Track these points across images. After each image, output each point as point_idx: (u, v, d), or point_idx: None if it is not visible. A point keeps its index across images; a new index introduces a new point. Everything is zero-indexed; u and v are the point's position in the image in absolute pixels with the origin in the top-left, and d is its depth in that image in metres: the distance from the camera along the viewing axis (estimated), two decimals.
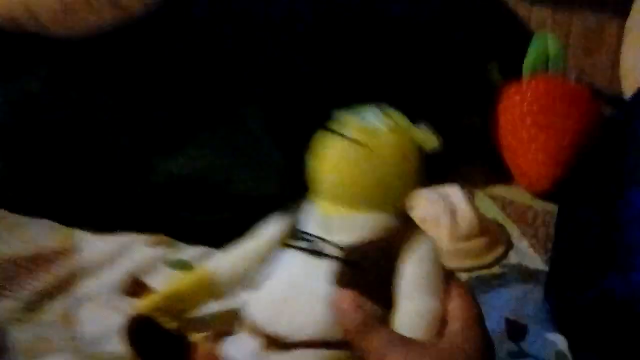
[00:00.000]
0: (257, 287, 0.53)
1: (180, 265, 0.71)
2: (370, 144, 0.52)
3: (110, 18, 0.76)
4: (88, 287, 0.68)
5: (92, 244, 0.74)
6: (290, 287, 0.51)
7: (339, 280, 0.50)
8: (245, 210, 0.73)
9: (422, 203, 0.64)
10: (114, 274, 0.69)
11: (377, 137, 0.52)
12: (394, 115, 0.53)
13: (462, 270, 0.71)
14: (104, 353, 0.60)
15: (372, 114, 0.53)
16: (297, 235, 0.53)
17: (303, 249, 0.52)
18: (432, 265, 0.51)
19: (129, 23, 0.78)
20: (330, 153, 0.53)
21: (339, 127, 0.53)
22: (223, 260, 0.58)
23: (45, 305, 0.65)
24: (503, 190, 0.87)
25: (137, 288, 0.68)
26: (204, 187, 0.76)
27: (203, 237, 0.72)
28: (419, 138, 0.53)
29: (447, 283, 0.50)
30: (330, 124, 0.54)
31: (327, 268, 0.51)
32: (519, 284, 0.70)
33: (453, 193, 0.76)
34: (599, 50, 1.00)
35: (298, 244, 0.53)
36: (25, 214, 0.77)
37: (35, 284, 0.67)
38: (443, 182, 0.75)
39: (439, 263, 0.51)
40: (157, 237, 0.75)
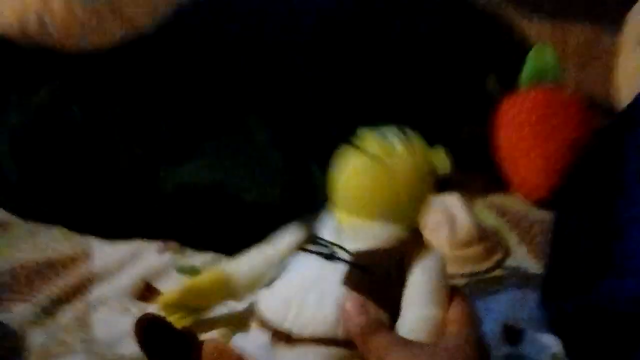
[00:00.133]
0: (269, 285, 0.55)
1: (189, 271, 0.72)
2: (390, 162, 0.55)
3: (119, 33, 0.78)
4: (101, 291, 0.69)
5: (104, 251, 0.75)
6: (302, 286, 0.53)
7: (349, 282, 0.52)
8: (252, 218, 0.74)
9: None
10: (126, 279, 0.70)
11: (396, 156, 0.55)
12: (413, 137, 0.56)
13: (460, 276, 0.72)
14: (117, 355, 0.61)
15: (392, 134, 0.56)
16: (313, 241, 0.56)
17: (317, 253, 0.54)
18: (437, 277, 0.53)
19: (137, 37, 0.80)
20: (351, 167, 0.56)
21: (361, 143, 0.56)
22: (241, 264, 0.60)
23: (60, 309, 0.66)
24: (501, 199, 0.87)
25: (148, 293, 0.69)
26: (211, 195, 0.77)
27: (211, 243, 0.73)
28: (434, 161, 0.56)
29: (449, 292, 0.53)
30: (353, 140, 0.56)
31: (338, 270, 0.53)
32: (516, 290, 0.70)
33: (452, 202, 0.77)
34: (594, 63, 0.99)
35: (313, 248, 0.55)
36: (40, 222, 0.78)
37: (51, 289, 0.68)
38: (443, 190, 0.76)
39: (444, 274, 0.54)
40: (166, 243, 0.75)
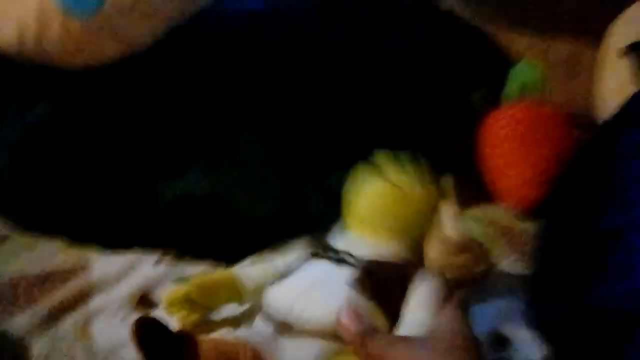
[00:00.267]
0: (279, 282, 0.58)
1: (186, 281, 0.72)
2: (404, 187, 0.60)
3: (115, 52, 0.79)
4: (100, 301, 0.70)
5: (103, 262, 0.76)
6: (311, 283, 0.56)
7: (357, 285, 0.56)
8: (246, 229, 0.76)
9: None
10: (124, 290, 0.71)
11: (410, 182, 0.61)
12: (424, 165, 0.62)
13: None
14: None
15: (406, 160, 0.61)
16: (323, 249, 0.59)
17: (328, 257, 0.58)
18: (437, 293, 0.57)
19: (133, 55, 0.80)
20: (367, 187, 0.61)
21: (378, 165, 0.61)
22: (249, 269, 0.63)
23: (61, 319, 0.67)
24: (487, 210, 0.87)
25: (146, 303, 0.70)
26: (207, 207, 0.78)
27: (207, 254, 0.74)
28: (443, 188, 0.62)
29: (444, 301, 0.56)
30: (371, 162, 0.61)
31: (346, 274, 0.56)
32: (503, 297, 0.71)
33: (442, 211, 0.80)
34: (576, 78, 0.99)
35: (323, 254, 0.59)
36: (40, 234, 0.79)
37: (51, 299, 0.70)
38: None
39: (444, 292, 0.58)
40: (163, 254, 0.77)
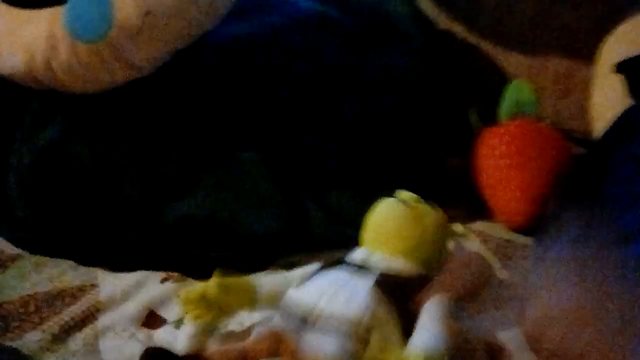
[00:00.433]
0: (300, 286, 0.62)
1: None
2: (416, 207, 0.65)
3: (122, 75, 0.81)
4: (108, 319, 0.72)
5: (110, 281, 0.78)
6: (334, 285, 0.59)
7: (377, 290, 0.59)
8: (249, 247, 0.79)
9: None
10: (132, 308, 0.73)
11: (425, 208, 0.66)
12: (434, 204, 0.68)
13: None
14: None
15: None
16: (341, 262, 0.63)
17: (347, 268, 0.62)
18: (447, 311, 0.61)
19: (138, 78, 0.83)
20: (383, 207, 0.65)
21: (397, 195, 0.67)
22: (266, 278, 0.66)
23: (70, 336, 0.69)
24: (484, 226, 0.88)
25: (152, 320, 0.72)
26: (211, 226, 0.80)
27: (211, 272, 0.76)
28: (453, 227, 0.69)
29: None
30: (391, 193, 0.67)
31: (367, 280, 0.60)
32: (498, 311, 0.72)
33: None
34: (571, 95, 1.00)
35: (343, 267, 0.62)
36: (48, 256, 0.82)
37: (60, 317, 0.72)
38: None
39: (450, 305, 0.61)
40: (169, 273, 0.78)
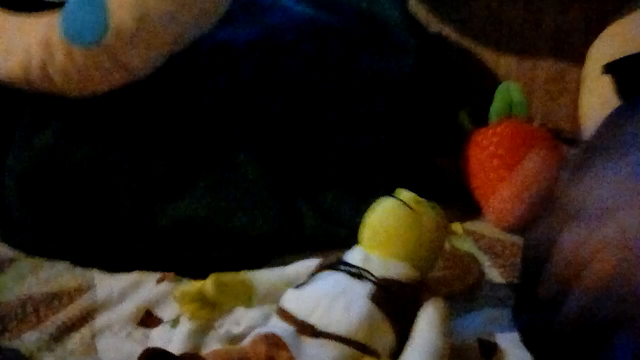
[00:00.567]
0: (298, 287, 0.62)
1: None
2: (417, 209, 0.65)
3: (118, 79, 0.82)
4: (105, 319, 0.73)
5: (106, 282, 0.78)
6: (332, 291, 0.60)
7: (375, 298, 0.60)
8: (244, 247, 0.80)
9: None
10: (128, 307, 0.74)
11: (424, 206, 0.66)
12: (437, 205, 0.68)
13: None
14: None
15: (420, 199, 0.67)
16: (341, 264, 0.63)
17: (346, 271, 0.62)
18: (444, 316, 0.63)
19: (134, 82, 0.83)
20: (382, 207, 0.65)
21: (397, 194, 0.66)
22: (263, 275, 0.67)
23: (68, 336, 0.70)
24: (474, 225, 0.90)
25: (148, 320, 0.73)
26: (206, 227, 0.81)
27: (206, 272, 0.77)
28: (452, 226, 0.69)
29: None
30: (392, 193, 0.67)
31: (365, 287, 0.60)
32: (490, 308, 0.74)
33: None
34: (561, 96, 1.02)
35: (342, 268, 0.63)
36: (45, 257, 0.83)
37: (58, 318, 0.72)
38: None
39: (445, 309, 0.63)
40: (164, 274, 0.79)
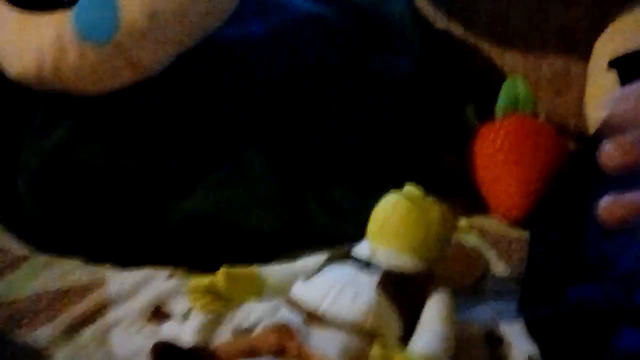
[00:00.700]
0: (307, 279, 0.63)
1: None
2: (423, 204, 0.66)
3: (129, 76, 0.83)
4: (117, 314, 0.74)
5: (118, 278, 0.79)
6: (340, 281, 0.61)
7: (383, 288, 0.61)
8: (253, 244, 0.81)
9: None
10: (139, 303, 0.75)
11: (430, 201, 0.66)
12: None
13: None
14: None
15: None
16: (348, 257, 0.64)
17: (354, 263, 0.63)
18: (450, 306, 0.63)
19: (145, 80, 0.84)
20: (389, 202, 0.66)
21: (403, 189, 0.67)
22: (273, 268, 0.68)
23: (81, 331, 0.71)
24: (480, 220, 0.90)
25: (159, 314, 0.74)
26: (214, 224, 0.82)
27: (216, 268, 0.78)
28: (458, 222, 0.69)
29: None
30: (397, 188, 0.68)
31: (372, 277, 0.61)
32: (496, 301, 0.74)
33: None
34: (567, 91, 1.02)
35: (349, 261, 0.64)
36: (59, 254, 0.84)
37: (71, 313, 0.74)
38: None
39: (452, 301, 0.63)
40: (175, 269, 0.80)
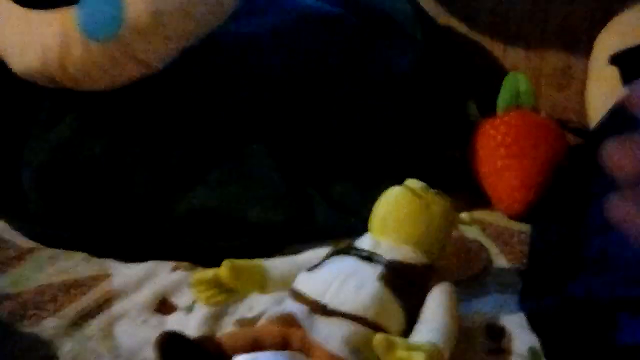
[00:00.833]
0: (311, 270, 0.64)
1: None
2: (425, 197, 0.67)
3: (134, 72, 0.83)
4: (122, 306, 0.74)
5: (123, 271, 0.80)
6: (343, 272, 0.61)
7: (385, 279, 0.61)
8: (257, 237, 0.81)
9: None
10: (144, 296, 0.76)
11: (432, 194, 0.67)
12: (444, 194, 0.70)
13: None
14: None
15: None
16: (351, 249, 0.65)
17: (356, 255, 0.64)
18: (452, 299, 0.64)
19: (149, 75, 0.85)
20: (392, 195, 0.67)
21: (405, 182, 0.68)
22: (277, 262, 0.68)
23: (86, 322, 0.72)
24: (482, 214, 0.90)
25: (164, 306, 0.75)
26: (220, 217, 0.83)
27: (220, 262, 0.79)
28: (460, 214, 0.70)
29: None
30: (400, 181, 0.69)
31: (375, 269, 0.62)
32: (498, 293, 0.75)
33: None
34: (568, 87, 1.02)
35: (352, 253, 0.64)
36: (63, 248, 0.84)
37: (76, 305, 0.74)
38: None
39: (456, 299, 0.64)
40: (179, 262, 0.80)
